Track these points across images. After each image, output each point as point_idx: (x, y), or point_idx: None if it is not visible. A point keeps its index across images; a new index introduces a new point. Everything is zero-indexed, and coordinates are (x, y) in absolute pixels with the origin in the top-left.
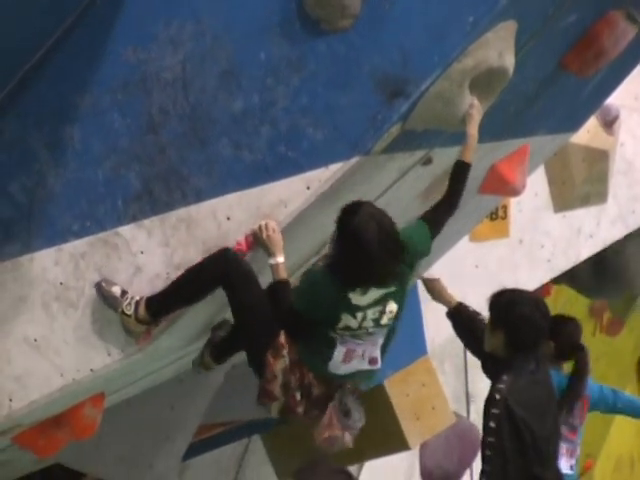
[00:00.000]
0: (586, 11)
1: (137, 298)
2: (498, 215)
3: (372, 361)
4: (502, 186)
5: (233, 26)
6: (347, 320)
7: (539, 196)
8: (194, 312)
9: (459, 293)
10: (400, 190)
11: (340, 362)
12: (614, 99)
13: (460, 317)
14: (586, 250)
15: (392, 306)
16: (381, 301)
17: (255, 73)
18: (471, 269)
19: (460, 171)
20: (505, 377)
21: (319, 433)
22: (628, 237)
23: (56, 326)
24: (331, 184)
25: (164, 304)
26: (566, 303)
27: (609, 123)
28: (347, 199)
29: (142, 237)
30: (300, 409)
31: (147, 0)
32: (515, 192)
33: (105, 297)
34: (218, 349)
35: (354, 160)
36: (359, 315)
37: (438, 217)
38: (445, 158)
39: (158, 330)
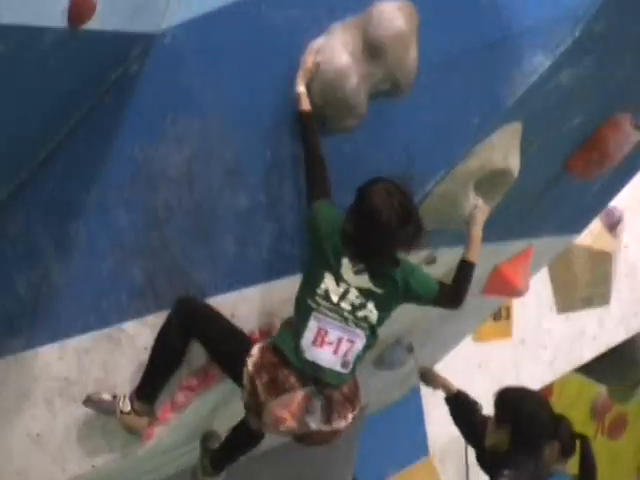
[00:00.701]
0: (591, 115)
1: (127, 394)
2: (501, 316)
3: (344, 364)
4: (506, 288)
5: (239, 124)
6: (329, 282)
7: (542, 297)
8: (194, 408)
9: None
10: None
11: (312, 343)
12: (618, 202)
13: (458, 404)
14: (589, 352)
15: (372, 309)
16: (365, 293)
17: (260, 171)
18: (474, 369)
19: (465, 271)
20: (506, 472)
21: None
22: None
23: (59, 422)
24: None
25: (150, 383)
26: (567, 406)
27: (613, 225)
28: None
29: (146, 333)
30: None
31: (154, 97)
32: (519, 294)
33: (100, 408)
34: (217, 458)
35: None
36: (342, 286)
37: (442, 301)
38: (449, 258)
39: (160, 426)
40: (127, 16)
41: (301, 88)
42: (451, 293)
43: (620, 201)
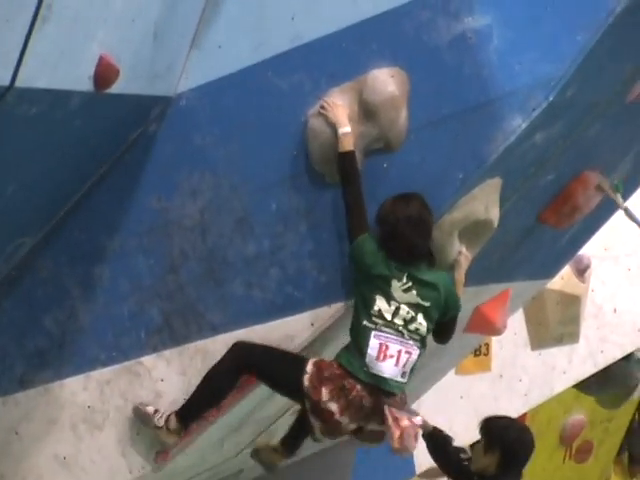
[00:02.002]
0: (563, 171)
1: (168, 412)
2: (481, 352)
3: (403, 375)
4: (486, 326)
5: (248, 178)
6: (381, 303)
7: (518, 335)
8: (208, 432)
9: (446, 421)
10: None
11: (375, 359)
12: (586, 250)
13: (434, 440)
14: (559, 385)
15: (422, 321)
16: (415, 306)
17: (267, 221)
18: (456, 400)
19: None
20: None
21: (391, 437)
22: None
23: (83, 446)
24: (333, 321)
25: (193, 409)
26: (538, 432)
27: (581, 271)
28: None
29: (162, 366)
30: (340, 417)
31: (171, 153)
32: (497, 332)
33: (140, 417)
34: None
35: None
36: (393, 304)
37: (440, 334)
38: None
39: (176, 449)
40: (147, 81)
41: (348, 129)
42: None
43: (588, 249)
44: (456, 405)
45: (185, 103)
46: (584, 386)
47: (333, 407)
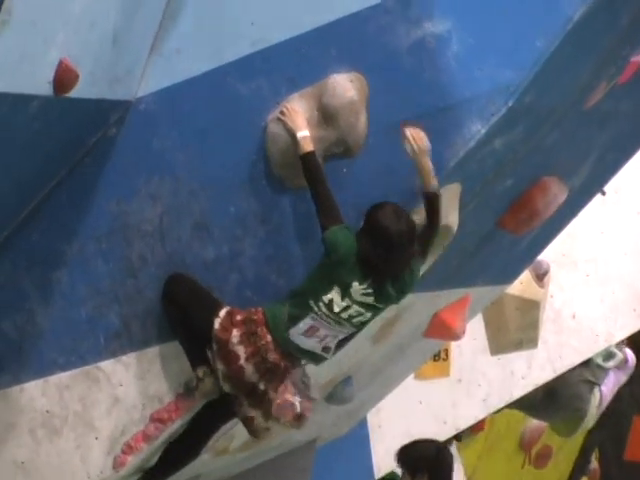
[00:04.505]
0: (522, 177)
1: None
2: (440, 357)
3: (325, 349)
4: (445, 331)
5: (207, 183)
6: (335, 296)
7: (477, 340)
8: (162, 439)
9: (405, 426)
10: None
11: (300, 333)
12: (545, 255)
13: None
14: (518, 391)
15: (368, 315)
16: (366, 306)
17: (225, 225)
18: (415, 405)
19: (431, 203)
20: None
21: (275, 401)
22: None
23: (41, 450)
24: None
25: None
26: (497, 437)
27: (540, 276)
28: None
29: (121, 371)
30: (244, 362)
31: (130, 157)
32: (456, 337)
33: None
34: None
35: None
36: (346, 301)
37: (426, 247)
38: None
39: (133, 455)
40: (106, 85)
41: (305, 132)
42: (430, 228)
43: (547, 254)
44: (415, 410)
45: (145, 107)
46: (532, 410)
47: (240, 351)
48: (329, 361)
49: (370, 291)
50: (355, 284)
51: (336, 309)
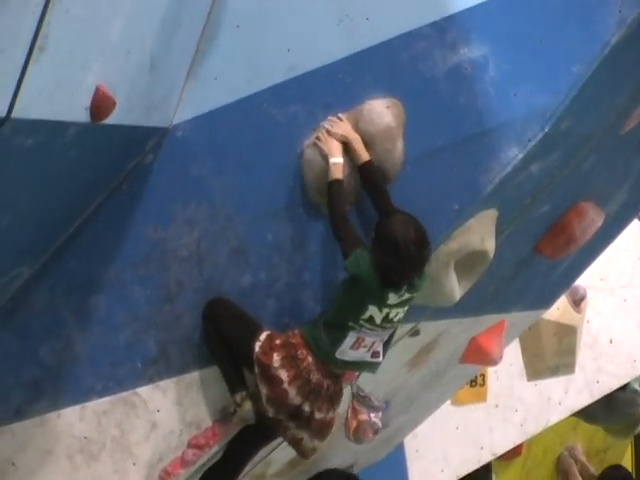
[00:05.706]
0: (559, 202)
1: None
2: (477, 382)
3: (375, 354)
4: (482, 357)
5: (243, 209)
6: (373, 312)
7: (514, 366)
8: (200, 464)
9: (441, 452)
10: (389, 360)
11: (349, 348)
12: (581, 280)
13: None
14: (555, 416)
15: (405, 309)
16: (404, 303)
17: (262, 252)
18: (452, 430)
19: (367, 174)
20: None
21: (347, 426)
22: None
23: (79, 476)
24: None
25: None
26: (535, 464)
27: (577, 302)
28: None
29: (158, 397)
30: (287, 386)
31: (167, 184)
32: (493, 362)
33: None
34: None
35: None
36: (385, 311)
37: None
38: (431, 329)
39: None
40: (143, 112)
41: (339, 159)
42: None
43: (584, 280)
44: (452, 435)
45: (181, 134)
46: (589, 416)
47: (282, 375)
48: (367, 386)
49: (403, 292)
50: (391, 295)
51: (378, 321)
